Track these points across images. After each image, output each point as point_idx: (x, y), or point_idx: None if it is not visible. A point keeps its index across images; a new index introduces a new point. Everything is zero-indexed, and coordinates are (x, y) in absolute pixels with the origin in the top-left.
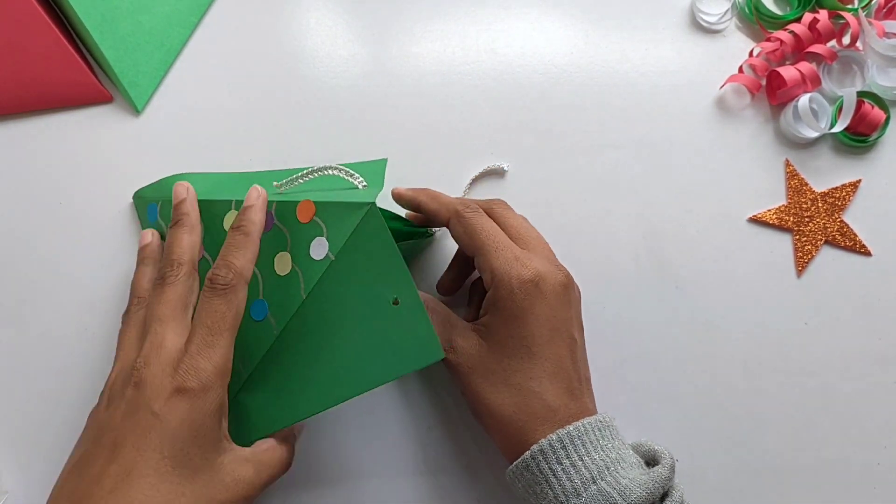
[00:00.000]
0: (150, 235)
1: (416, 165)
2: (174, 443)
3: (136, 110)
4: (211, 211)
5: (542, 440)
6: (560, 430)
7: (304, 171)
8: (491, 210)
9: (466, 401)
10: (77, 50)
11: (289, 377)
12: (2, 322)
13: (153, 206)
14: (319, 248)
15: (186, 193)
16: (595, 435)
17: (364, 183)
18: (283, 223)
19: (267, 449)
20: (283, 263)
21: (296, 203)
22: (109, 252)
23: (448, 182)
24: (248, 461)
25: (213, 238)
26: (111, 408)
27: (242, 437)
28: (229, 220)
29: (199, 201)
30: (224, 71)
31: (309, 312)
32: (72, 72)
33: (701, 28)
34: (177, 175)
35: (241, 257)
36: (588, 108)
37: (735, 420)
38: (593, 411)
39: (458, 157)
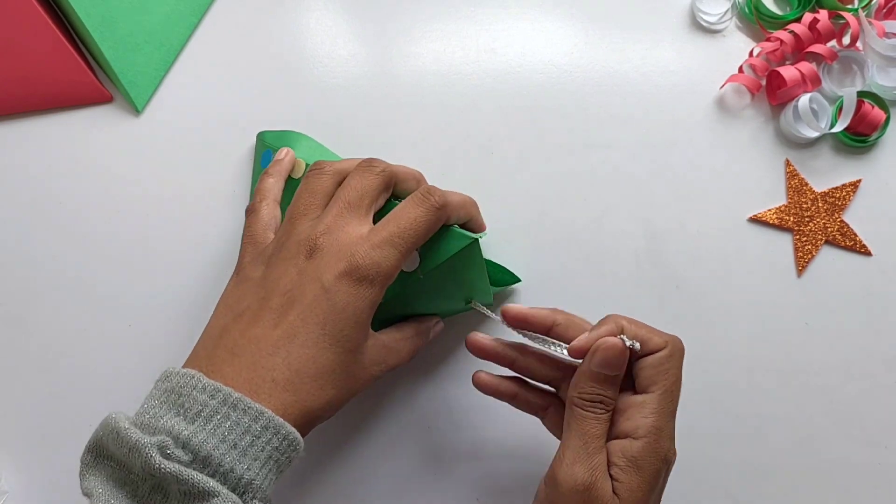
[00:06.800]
0: (286, 153)
1: (414, 166)
2: (336, 322)
3: (136, 110)
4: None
5: None
6: None
7: None
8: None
9: None
10: (77, 50)
11: None
12: (1, 322)
13: (269, 153)
14: (411, 261)
15: (285, 156)
16: None
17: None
18: None
19: (401, 339)
20: None
21: None
22: (109, 252)
23: (447, 182)
24: (385, 347)
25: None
26: (279, 269)
27: None
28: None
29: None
30: (224, 71)
31: (381, 309)
32: (72, 72)
33: (701, 28)
34: (301, 135)
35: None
36: (588, 108)
37: (735, 420)
38: None
39: (458, 158)
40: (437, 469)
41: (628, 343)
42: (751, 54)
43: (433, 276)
